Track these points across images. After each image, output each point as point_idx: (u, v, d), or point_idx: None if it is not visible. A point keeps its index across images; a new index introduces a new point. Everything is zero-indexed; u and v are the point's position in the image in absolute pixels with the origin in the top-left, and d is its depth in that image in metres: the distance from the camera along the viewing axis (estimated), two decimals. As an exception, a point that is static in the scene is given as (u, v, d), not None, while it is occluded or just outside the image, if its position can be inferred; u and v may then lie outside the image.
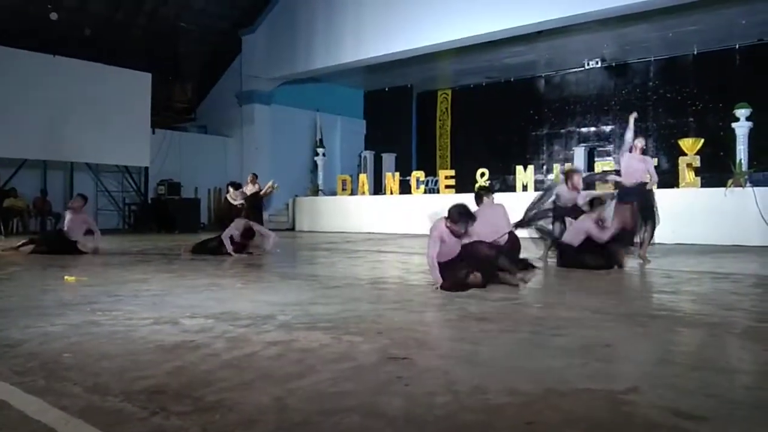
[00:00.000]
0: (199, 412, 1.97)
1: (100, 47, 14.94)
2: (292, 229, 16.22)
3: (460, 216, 4.57)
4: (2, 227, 12.57)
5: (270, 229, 9.21)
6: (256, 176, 12.48)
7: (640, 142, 7.14)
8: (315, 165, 17.61)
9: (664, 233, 9.63)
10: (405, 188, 14.76)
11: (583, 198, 6.95)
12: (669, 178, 11.61)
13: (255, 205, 11.26)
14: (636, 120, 7.32)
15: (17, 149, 13.06)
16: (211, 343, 2.91)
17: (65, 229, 8.49)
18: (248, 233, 8.13)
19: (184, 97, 17.10)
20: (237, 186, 11.87)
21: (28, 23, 14.24)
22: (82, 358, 2.66)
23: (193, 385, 2.26)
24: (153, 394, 2.15)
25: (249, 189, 11.51)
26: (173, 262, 7.34)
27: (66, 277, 5.44)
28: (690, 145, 11.18)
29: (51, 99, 13.28)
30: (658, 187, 10.66)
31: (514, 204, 6.72)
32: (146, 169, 15.68)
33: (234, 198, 11.66)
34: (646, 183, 7.09)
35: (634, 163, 7.07)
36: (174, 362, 2.58)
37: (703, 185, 10.60)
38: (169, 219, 15.03)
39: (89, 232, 8.61)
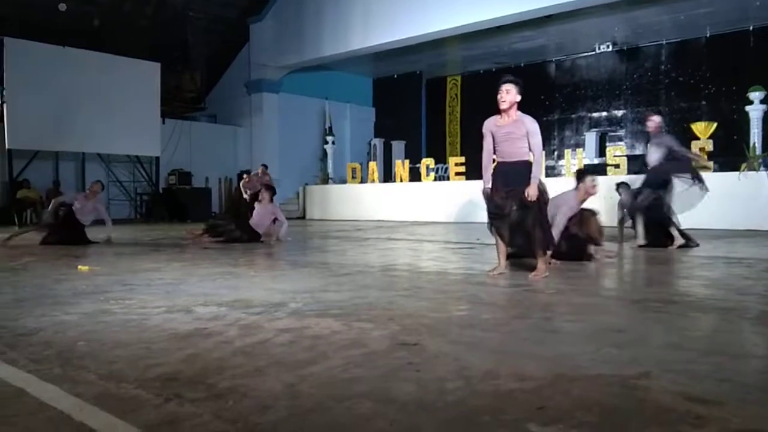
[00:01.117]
0: (212, 399, 1.99)
1: (109, 38, 14.98)
2: (303, 217, 16.27)
3: None
4: (16, 218, 12.69)
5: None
6: (266, 167, 12.49)
7: None
8: (324, 153, 17.63)
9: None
10: (415, 176, 14.74)
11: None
12: (681, 163, 11.49)
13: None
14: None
15: (29, 140, 13.18)
16: (224, 331, 2.94)
17: (74, 207, 8.29)
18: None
19: (193, 86, 17.13)
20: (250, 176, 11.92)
21: (37, 15, 14.30)
22: (97, 346, 2.69)
23: (206, 372, 2.28)
24: (167, 381, 2.17)
25: (265, 180, 11.49)
26: (186, 251, 7.39)
27: (79, 267, 5.50)
28: (703, 129, 11.07)
29: (61, 90, 13.35)
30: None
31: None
32: (157, 158, 15.76)
33: (245, 190, 11.68)
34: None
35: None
36: (187, 350, 2.60)
37: (715, 169, 10.49)
38: (180, 208, 15.12)
39: (99, 222, 8.64)
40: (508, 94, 4.57)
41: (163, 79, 15.41)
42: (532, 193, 4.45)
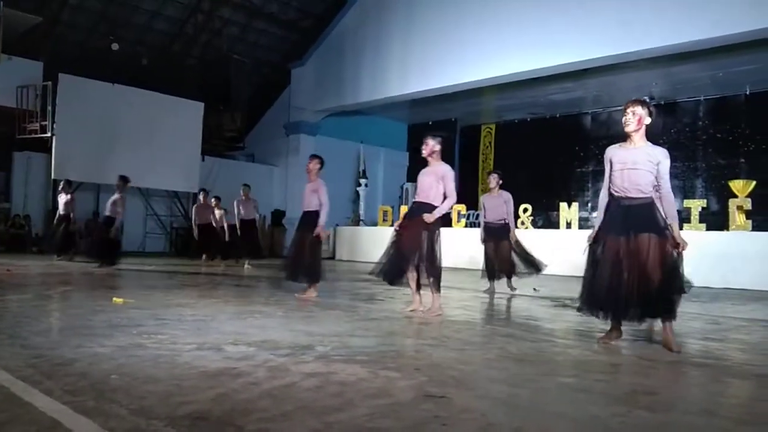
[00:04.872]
0: (239, 441, 2.01)
1: (156, 77, 15.58)
2: (332, 258, 16.33)
3: None
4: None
5: None
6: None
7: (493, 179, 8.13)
8: (357, 195, 17.81)
9: (712, 277, 9.36)
10: (446, 221, 14.69)
11: None
12: (718, 221, 11.31)
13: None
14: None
15: (73, 172, 13.62)
16: (252, 372, 2.96)
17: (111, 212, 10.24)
18: None
19: (234, 125, 17.60)
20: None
21: (91, 53, 14.98)
22: (129, 380, 2.74)
23: (234, 413, 2.31)
24: (196, 420, 2.20)
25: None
26: (217, 287, 7.48)
27: (114, 299, 5.62)
28: (741, 186, 10.90)
29: (107, 125, 13.85)
30: (708, 229, 10.39)
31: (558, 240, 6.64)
32: (195, 194, 16.09)
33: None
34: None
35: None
36: (216, 389, 2.64)
37: (754, 228, 10.28)
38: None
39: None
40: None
41: (206, 118, 15.88)
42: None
